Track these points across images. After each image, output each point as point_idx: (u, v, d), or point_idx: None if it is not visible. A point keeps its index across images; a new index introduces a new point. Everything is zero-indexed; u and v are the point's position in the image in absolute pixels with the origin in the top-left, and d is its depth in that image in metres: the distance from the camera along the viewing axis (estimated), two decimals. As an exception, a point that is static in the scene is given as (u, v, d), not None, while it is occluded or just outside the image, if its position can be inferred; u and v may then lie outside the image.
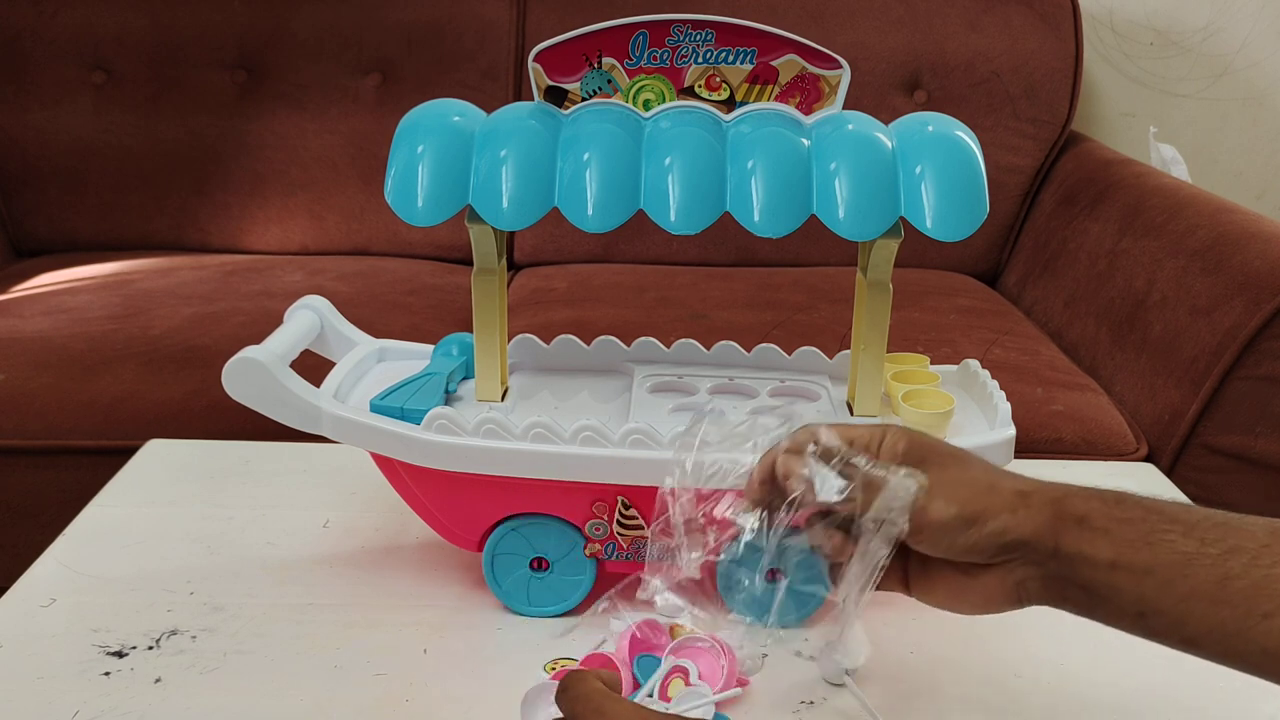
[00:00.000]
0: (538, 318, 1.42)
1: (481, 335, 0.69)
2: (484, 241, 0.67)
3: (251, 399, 0.68)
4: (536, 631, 0.69)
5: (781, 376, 0.76)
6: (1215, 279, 1.22)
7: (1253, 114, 1.93)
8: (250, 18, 1.67)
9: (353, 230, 1.71)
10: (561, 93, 0.65)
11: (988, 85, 1.69)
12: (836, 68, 0.65)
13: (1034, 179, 1.72)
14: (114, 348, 1.28)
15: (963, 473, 0.53)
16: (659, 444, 0.65)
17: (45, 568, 0.74)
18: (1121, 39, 1.88)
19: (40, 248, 1.71)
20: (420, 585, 0.73)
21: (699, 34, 0.64)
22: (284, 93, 1.68)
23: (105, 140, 1.67)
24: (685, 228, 0.62)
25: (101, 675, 0.63)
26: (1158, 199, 1.43)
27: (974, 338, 1.39)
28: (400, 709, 0.62)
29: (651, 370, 0.76)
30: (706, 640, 0.64)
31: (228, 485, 0.85)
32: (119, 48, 1.67)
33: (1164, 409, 1.22)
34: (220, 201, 1.70)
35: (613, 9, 1.55)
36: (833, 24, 1.68)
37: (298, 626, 0.69)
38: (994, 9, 1.69)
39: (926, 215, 0.62)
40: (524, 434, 0.66)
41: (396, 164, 0.63)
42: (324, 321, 0.77)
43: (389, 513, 0.80)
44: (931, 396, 0.70)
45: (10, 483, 1.19)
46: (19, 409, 1.19)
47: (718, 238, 1.68)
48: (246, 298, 1.45)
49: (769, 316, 1.43)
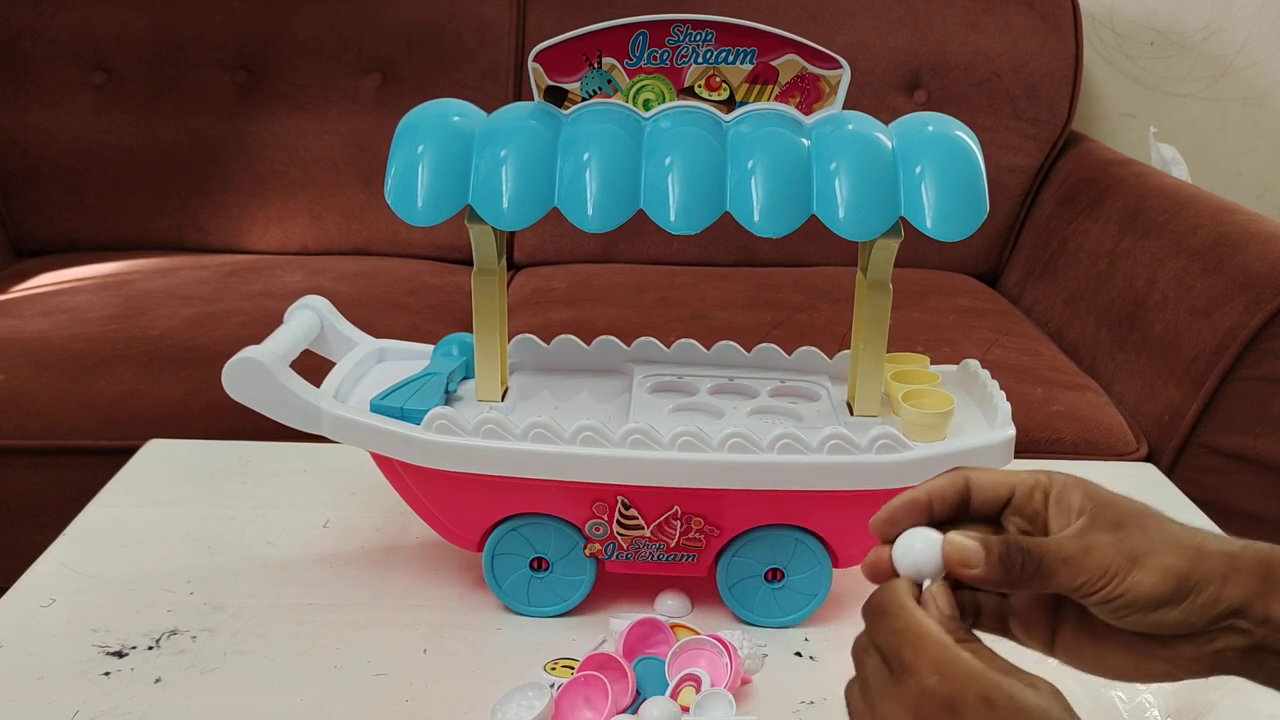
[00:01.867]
0: (538, 318, 1.42)
1: (481, 335, 0.69)
2: (484, 241, 0.67)
3: (251, 399, 0.68)
4: (536, 631, 0.69)
5: (781, 376, 0.76)
6: (1215, 279, 1.22)
7: (1253, 114, 1.93)
8: (250, 18, 1.67)
9: (353, 230, 1.71)
10: (561, 93, 0.65)
11: (988, 85, 1.69)
12: (836, 68, 0.65)
13: (1034, 179, 1.72)
14: (114, 348, 1.28)
15: (1164, 535, 0.45)
16: (659, 444, 0.65)
17: (45, 568, 0.74)
18: (1122, 39, 1.88)
19: (40, 248, 1.71)
20: (420, 585, 0.73)
21: (699, 34, 0.64)
22: (284, 93, 1.68)
23: (105, 140, 1.67)
24: (685, 228, 0.61)
25: (101, 675, 0.63)
26: (1158, 199, 1.43)
27: (974, 338, 1.39)
28: (400, 709, 0.62)
29: (651, 370, 0.76)
30: (709, 640, 0.64)
31: (228, 485, 0.85)
32: (119, 48, 1.67)
33: (1164, 409, 1.22)
34: (220, 201, 1.70)
35: (613, 9, 1.55)
36: (833, 24, 1.68)
37: (298, 626, 0.69)
38: (994, 9, 1.69)
39: (926, 215, 0.62)
40: (524, 434, 0.66)
41: (396, 164, 0.63)
42: (324, 321, 0.77)
43: (389, 513, 0.80)
44: (931, 396, 0.70)
45: (10, 483, 1.19)
46: (19, 409, 1.19)
47: (718, 238, 1.68)
48: (246, 298, 1.45)
49: (769, 316, 1.43)
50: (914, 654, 0.41)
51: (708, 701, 0.61)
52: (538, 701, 0.60)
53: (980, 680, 0.40)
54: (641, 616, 0.66)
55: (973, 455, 0.67)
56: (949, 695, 0.40)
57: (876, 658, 0.43)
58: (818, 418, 0.71)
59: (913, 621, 0.42)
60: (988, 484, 0.47)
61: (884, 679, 0.42)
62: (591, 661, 0.63)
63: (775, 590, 0.70)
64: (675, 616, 0.70)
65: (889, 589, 0.44)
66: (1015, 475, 0.48)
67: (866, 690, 0.43)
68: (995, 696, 0.39)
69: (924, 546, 0.45)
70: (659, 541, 0.68)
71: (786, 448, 0.65)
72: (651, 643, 0.66)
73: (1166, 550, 0.44)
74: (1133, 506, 0.47)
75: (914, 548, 0.45)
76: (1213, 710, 0.64)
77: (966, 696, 0.40)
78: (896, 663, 0.42)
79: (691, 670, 0.63)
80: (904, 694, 0.41)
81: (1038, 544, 0.44)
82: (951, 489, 0.47)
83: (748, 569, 0.69)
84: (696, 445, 0.65)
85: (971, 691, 0.40)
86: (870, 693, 0.43)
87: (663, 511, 0.67)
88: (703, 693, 0.61)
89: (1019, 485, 0.47)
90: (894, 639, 0.42)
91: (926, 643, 0.41)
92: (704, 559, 0.69)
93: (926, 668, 0.41)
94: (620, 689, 0.61)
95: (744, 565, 0.69)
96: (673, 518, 0.67)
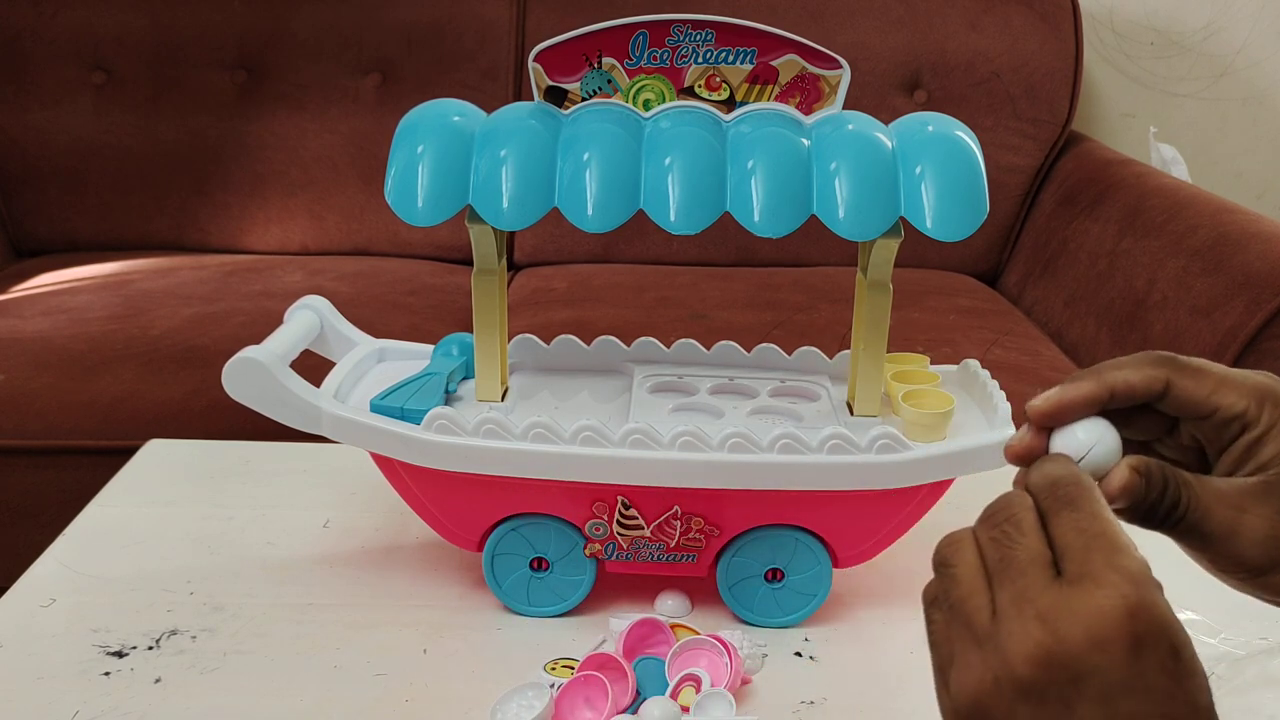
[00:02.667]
0: (538, 318, 1.42)
1: (481, 335, 0.69)
2: (484, 241, 0.67)
3: (251, 399, 0.68)
4: (536, 631, 0.69)
5: (781, 376, 0.76)
6: (1215, 279, 1.22)
7: (1253, 114, 1.93)
8: (250, 18, 1.67)
9: (353, 230, 1.71)
10: (561, 93, 0.65)
11: (988, 85, 1.69)
12: (836, 68, 0.65)
13: (1034, 179, 1.72)
14: (114, 348, 1.28)
15: None
16: (659, 444, 0.65)
17: (45, 568, 0.74)
18: (1121, 39, 1.88)
19: (40, 248, 1.71)
20: (420, 585, 0.73)
21: (699, 34, 0.64)
22: (284, 93, 1.68)
23: (105, 140, 1.67)
24: (685, 228, 0.61)
25: (101, 675, 0.63)
26: (1158, 199, 1.43)
27: (974, 338, 1.39)
28: (400, 709, 0.62)
29: (651, 370, 0.76)
30: (709, 640, 0.64)
31: (228, 485, 0.85)
32: (119, 48, 1.67)
33: (1164, 409, 1.22)
34: (220, 201, 1.70)
35: (613, 9, 1.55)
36: (833, 24, 1.68)
37: (298, 626, 0.69)
38: (994, 9, 1.69)
39: (926, 215, 0.62)
40: (524, 434, 0.66)
41: (396, 164, 0.63)
42: (324, 321, 0.77)
43: (389, 513, 0.80)
44: (931, 396, 0.70)
45: (10, 483, 1.19)
46: (19, 409, 1.19)
47: (718, 238, 1.68)
48: (246, 298, 1.45)
49: (769, 316, 1.43)
50: (1106, 565, 0.35)
51: (708, 701, 0.61)
52: (538, 701, 0.60)
53: (1175, 630, 0.34)
54: (641, 616, 0.66)
55: (973, 455, 0.67)
56: (1141, 633, 0.34)
57: (1039, 543, 0.37)
58: (818, 418, 0.71)
59: (1111, 527, 0.36)
60: (1192, 399, 0.41)
61: (1044, 577, 0.36)
62: (591, 661, 0.63)
63: (775, 590, 0.70)
64: (675, 616, 0.70)
65: (1076, 472, 0.38)
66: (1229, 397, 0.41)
67: (1007, 573, 0.36)
68: (1182, 650, 0.34)
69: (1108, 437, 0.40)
70: (659, 541, 0.68)
71: (786, 448, 0.65)
72: (651, 643, 0.66)
73: None
74: None
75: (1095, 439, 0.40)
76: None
77: (1161, 641, 0.34)
78: (1075, 565, 0.35)
79: (691, 670, 0.63)
80: (1076, 602, 0.34)
81: (1187, 501, 0.40)
82: (1144, 388, 0.41)
83: (748, 569, 0.69)
84: (696, 445, 0.65)
85: (1165, 638, 0.34)
86: (1011, 581, 0.36)
87: (663, 511, 0.67)
88: (703, 693, 0.61)
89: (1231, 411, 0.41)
90: (1081, 538, 0.36)
91: (1130, 564, 0.35)
92: (704, 559, 0.69)
93: (1119, 589, 0.34)
94: (620, 689, 0.61)
95: (744, 565, 0.69)
96: (673, 518, 0.67)
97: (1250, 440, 0.41)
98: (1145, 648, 0.34)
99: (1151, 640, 0.34)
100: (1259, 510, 0.40)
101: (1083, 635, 0.34)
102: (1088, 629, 0.34)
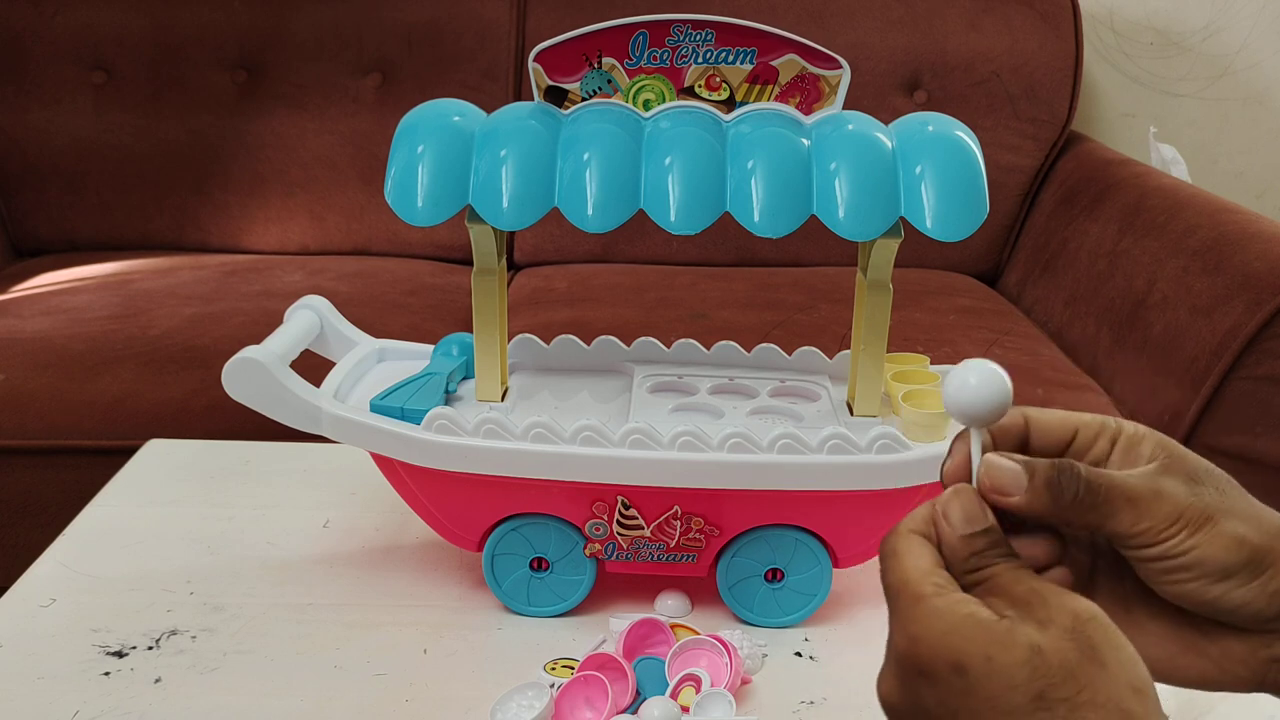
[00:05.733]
0: (538, 318, 1.42)
1: (481, 335, 0.69)
2: (484, 241, 0.67)
3: (251, 399, 0.68)
4: (536, 631, 0.69)
5: (781, 376, 0.76)
6: (1215, 279, 1.22)
7: (1253, 114, 1.93)
8: (250, 18, 1.67)
9: (353, 230, 1.71)
10: (561, 93, 0.65)
11: (988, 85, 1.69)
12: (836, 68, 0.65)
13: (1034, 179, 1.72)
14: (114, 348, 1.28)
15: (1244, 503, 0.41)
16: (659, 444, 0.65)
17: (45, 568, 0.74)
18: (1121, 39, 1.88)
19: (40, 248, 1.71)
20: (420, 585, 0.73)
21: (699, 34, 0.64)
22: (284, 93, 1.68)
23: (105, 140, 1.67)
24: (685, 228, 0.61)
25: (101, 675, 0.64)
26: (1158, 199, 1.43)
27: (974, 338, 1.39)
28: (400, 709, 0.62)
29: (651, 370, 0.76)
30: (709, 640, 0.64)
31: (228, 485, 0.85)
32: (119, 48, 1.67)
33: (1164, 409, 1.22)
34: (220, 201, 1.70)
35: (613, 9, 1.55)
36: (833, 24, 1.68)
37: (298, 626, 0.69)
38: (994, 9, 1.69)
39: (926, 215, 0.62)
40: (524, 434, 0.66)
41: (396, 164, 0.63)
42: (324, 321, 0.77)
43: (389, 513, 0.80)
44: (931, 396, 0.70)
45: (10, 483, 1.19)
46: (19, 409, 1.19)
47: (718, 238, 1.68)
48: (246, 298, 1.45)
49: (769, 316, 1.43)
50: (893, 611, 0.38)
51: (708, 701, 0.61)
52: (538, 701, 0.60)
53: (950, 641, 0.36)
54: (641, 616, 0.66)
55: (973, 455, 0.67)
56: (921, 660, 0.36)
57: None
58: (818, 418, 0.71)
59: (898, 570, 0.38)
60: (1049, 423, 0.42)
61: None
62: (591, 661, 0.63)
63: (775, 590, 0.70)
64: (675, 616, 0.70)
65: (893, 533, 0.40)
66: (1079, 417, 0.43)
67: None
68: (967, 662, 0.35)
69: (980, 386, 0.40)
70: (659, 541, 0.68)
71: (786, 448, 0.65)
72: (651, 643, 0.66)
73: (1244, 518, 0.39)
74: (1211, 467, 0.42)
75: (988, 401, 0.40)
76: (1213, 711, 0.64)
77: (937, 663, 0.36)
78: (890, 619, 0.38)
79: (691, 670, 0.63)
80: (889, 655, 0.38)
81: (1100, 475, 0.39)
82: (1010, 426, 0.42)
83: (748, 569, 0.69)
84: (696, 445, 0.65)
85: (942, 657, 0.36)
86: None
87: (663, 511, 0.67)
88: (703, 693, 0.61)
89: (1083, 427, 0.42)
90: (887, 594, 0.38)
91: (903, 597, 0.37)
92: (704, 559, 0.69)
93: (899, 628, 0.37)
94: (620, 689, 0.61)
95: (744, 565, 0.69)
96: (673, 518, 0.67)
97: (1124, 444, 0.42)
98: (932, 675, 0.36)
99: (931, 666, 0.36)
100: (1171, 484, 0.40)
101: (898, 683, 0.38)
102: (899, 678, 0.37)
